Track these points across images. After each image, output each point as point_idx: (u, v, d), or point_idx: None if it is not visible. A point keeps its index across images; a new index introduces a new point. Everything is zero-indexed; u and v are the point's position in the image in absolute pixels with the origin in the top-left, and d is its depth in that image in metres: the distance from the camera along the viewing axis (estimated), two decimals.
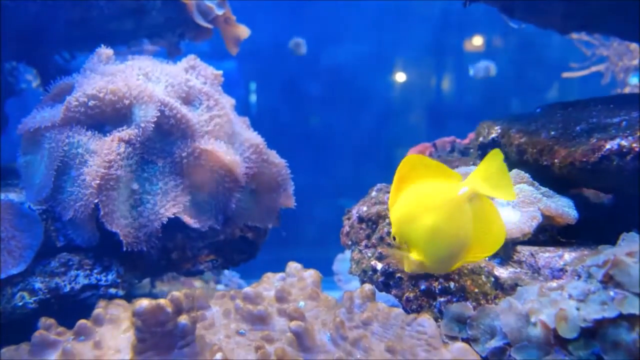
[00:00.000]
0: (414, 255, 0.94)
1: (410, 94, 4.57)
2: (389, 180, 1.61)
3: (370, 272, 1.31)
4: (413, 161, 0.93)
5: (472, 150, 1.73)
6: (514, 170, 1.25)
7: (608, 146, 1.11)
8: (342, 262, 2.44)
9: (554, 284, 1.01)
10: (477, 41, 4.44)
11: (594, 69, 3.35)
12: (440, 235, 0.90)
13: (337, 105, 4.41)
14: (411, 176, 0.93)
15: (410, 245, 0.94)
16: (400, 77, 4.53)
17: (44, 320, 1.12)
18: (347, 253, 2.50)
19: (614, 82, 3.40)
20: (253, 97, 4.46)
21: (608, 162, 1.11)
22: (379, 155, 4.26)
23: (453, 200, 0.88)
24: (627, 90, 3.34)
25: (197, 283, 2.48)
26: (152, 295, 1.96)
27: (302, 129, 4.35)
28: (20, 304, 1.24)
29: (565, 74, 3.44)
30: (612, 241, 1.05)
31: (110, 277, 1.33)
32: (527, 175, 1.24)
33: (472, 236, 0.88)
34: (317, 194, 3.88)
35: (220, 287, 2.61)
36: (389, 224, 1.33)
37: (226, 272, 2.78)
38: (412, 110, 4.53)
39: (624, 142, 1.09)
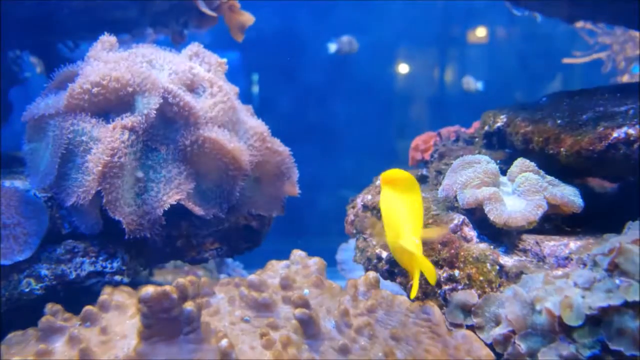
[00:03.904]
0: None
1: (413, 84, 4.55)
2: None
3: (375, 260, 1.32)
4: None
5: (477, 139, 1.73)
6: (520, 159, 1.25)
7: (615, 134, 1.10)
8: (346, 251, 2.45)
9: (559, 272, 1.01)
10: (481, 32, 4.42)
11: (595, 56, 3.33)
12: (395, 254, 1.11)
13: (340, 95, 4.40)
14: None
15: None
16: (403, 68, 4.51)
17: (51, 306, 1.13)
18: (350, 242, 2.51)
19: (615, 70, 3.39)
20: (255, 88, 4.45)
21: (615, 151, 1.10)
22: (381, 145, 4.25)
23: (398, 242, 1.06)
24: (625, 78, 3.33)
25: (201, 272, 2.49)
26: (155, 284, 1.97)
27: (305, 120, 4.33)
28: (27, 290, 1.25)
29: (566, 60, 3.43)
30: (617, 230, 1.05)
31: (115, 264, 1.34)
32: (532, 164, 1.23)
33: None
34: (319, 185, 3.87)
35: (223, 276, 2.62)
36: None
37: (229, 261, 2.78)
38: (415, 100, 4.52)
39: (631, 131, 1.09)
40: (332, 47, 3.74)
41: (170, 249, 1.48)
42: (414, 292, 1.02)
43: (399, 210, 1.08)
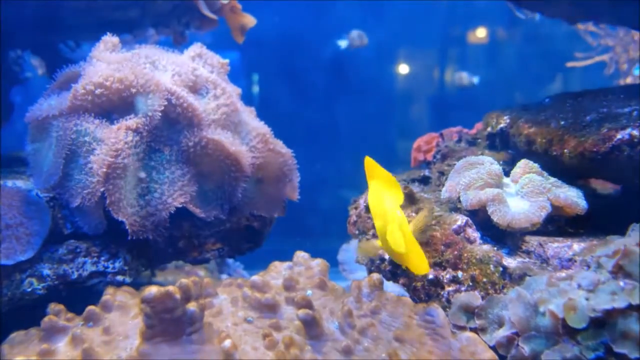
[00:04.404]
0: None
1: (414, 85, 4.55)
2: (393, 171, 1.61)
3: (377, 261, 1.32)
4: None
5: (479, 140, 1.73)
6: (523, 160, 1.25)
7: (619, 136, 1.10)
8: (347, 251, 2.44)
9: (562, 274, 1.01)
10: (481, 33, 4.42)
11: (597, 58, 3.32)
12: (381, 236, 1.10)
13: (340, 96, 4.40)
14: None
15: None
16: (404, 68, 4.51)
17: (53, 306, 1.13)
18: (352, 243, 2.50)
19: (618, 72, 3.37)
20: (255, 88, 4.44)
21: (619, 152, 1.10)
22: (383, 146, 4.25)
23: (392, 216, 1.08)
24: (629, 80, 3.32)
25: (202, 273, 2.48)
26: (156, 284, 1.97)
27: (305, 120, 4.33)
28: (29, 289, 1.25)
29: (570, 63, 3.42)
30: (621, 232, 1.05)
31: (117, 264, 1.34)
32: (536, 165, 1.23)
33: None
34: (321, 185, 3.87)
35: (224, 277, 2.62)
36: None
37: (230, 262, 2.78)
38: (416, 101, 4.51)
39: (635, 132, 1.09)
40: (343, 43, 3.76)
41: (172, 249, 1.48)
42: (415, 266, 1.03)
43: (382, 196, 1.13)
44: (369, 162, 1.19)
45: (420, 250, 1.05)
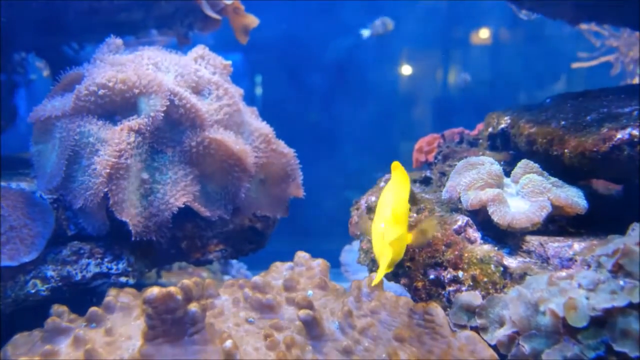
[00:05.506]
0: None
1: (417, 86, 4.55)
2: None
3: None
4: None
5: (481, 141, 1.73)
6: (523, 160, 1.25)
7: (619, 136, 1.10)
8: (349, 253, 2.45)
9: (563, 273, 1.01)
10: (484, 33, 4.41)
11: (603, 59, 3.30)
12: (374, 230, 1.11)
13: (343, 97, 4.40)
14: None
15: None
16: (406, 69, 4.51)
17: (56, 308, 1.14)
18: (354, 244, 2.51)
19: (623, 73, 3.36)
20: (258, 90, 4.45)
21: (619, 152, 1.10)
22: (385, 147, 4.25)
23: (377, 228, 1.09)
24: (635, 81, 3.30)
25: (205, 274, 2.49)
26: (159, 285, 1.97)
27: (308, 121, 4.33)
28: (33, 291, 1.26)
29: (575, 64, 3.40)
30: (621, 231, 1.05)
31: (120, 265, 1.34)
32: (536, 165, 1.23)
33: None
34: (323, 186, 3.87)
35: (227, 278, 2.63)
36: None
37: (234, 263, 2.79)
38: (418, 102, 4.51)
39: (635, 132, 1.09)
40: (366, 33, 3.73)
41: (175, 250, 1.49)
42: (378, 278, 1.01)
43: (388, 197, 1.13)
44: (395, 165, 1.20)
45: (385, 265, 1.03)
